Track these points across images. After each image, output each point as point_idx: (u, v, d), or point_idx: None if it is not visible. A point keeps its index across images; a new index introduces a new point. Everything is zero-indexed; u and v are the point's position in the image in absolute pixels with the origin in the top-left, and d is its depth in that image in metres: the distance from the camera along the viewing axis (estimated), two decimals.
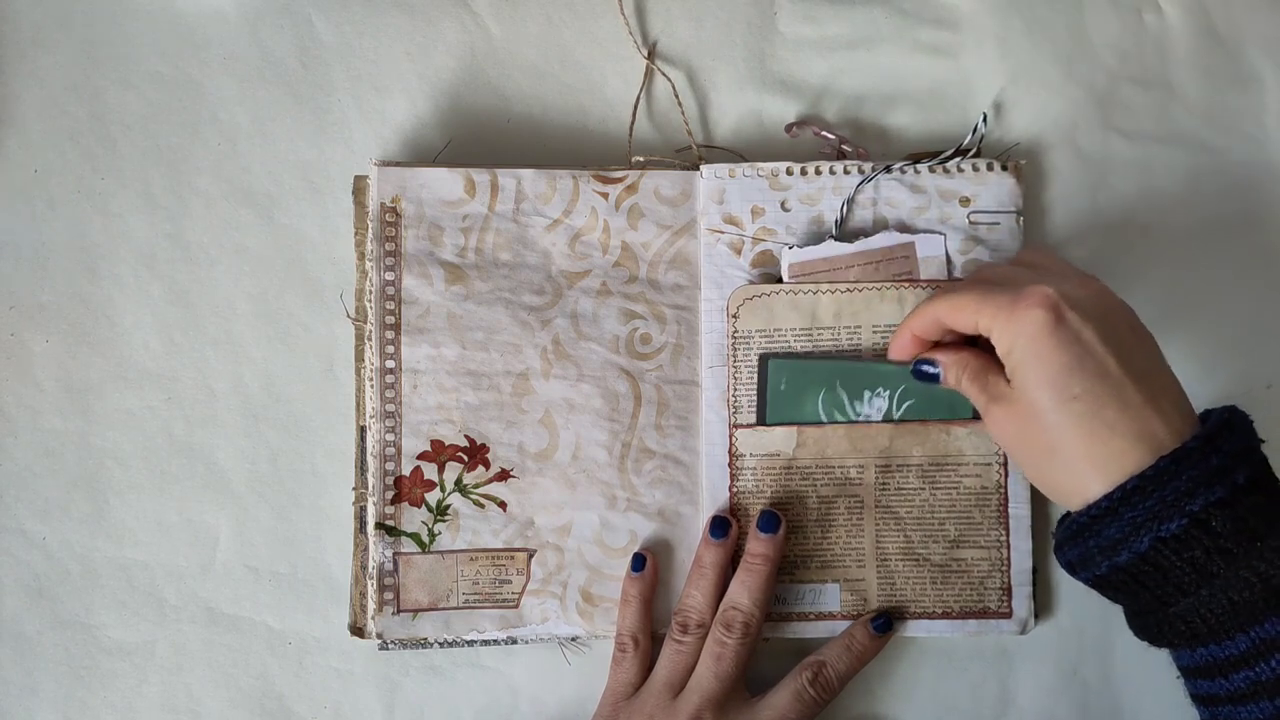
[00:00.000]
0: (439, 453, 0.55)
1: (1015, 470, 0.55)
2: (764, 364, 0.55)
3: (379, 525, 0.54)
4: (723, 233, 0.55)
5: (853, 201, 0.56)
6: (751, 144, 0.59)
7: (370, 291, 0.55)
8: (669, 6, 0.59)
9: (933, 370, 0.49)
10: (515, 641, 0.55)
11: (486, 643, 0.55)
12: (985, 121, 0.56)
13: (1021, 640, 0.56)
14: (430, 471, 0.55)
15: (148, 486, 0.56)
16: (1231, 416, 0.42)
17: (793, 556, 0.55)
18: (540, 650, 0.56)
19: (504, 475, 0.55)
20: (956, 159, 0.56)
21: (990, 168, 0.56)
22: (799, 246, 0.55)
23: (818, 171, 0.56)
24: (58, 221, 0.57)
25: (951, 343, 0.49)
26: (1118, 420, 0.41)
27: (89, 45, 0.57)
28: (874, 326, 0.55)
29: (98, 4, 0.58)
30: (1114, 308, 0.44)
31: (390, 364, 0.55)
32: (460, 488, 0.55)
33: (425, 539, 0.54)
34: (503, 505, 0.55)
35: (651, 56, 0.59)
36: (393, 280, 0.55)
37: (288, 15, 0.58)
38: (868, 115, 0.59)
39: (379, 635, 0.54)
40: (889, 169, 0.56)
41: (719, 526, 0.54)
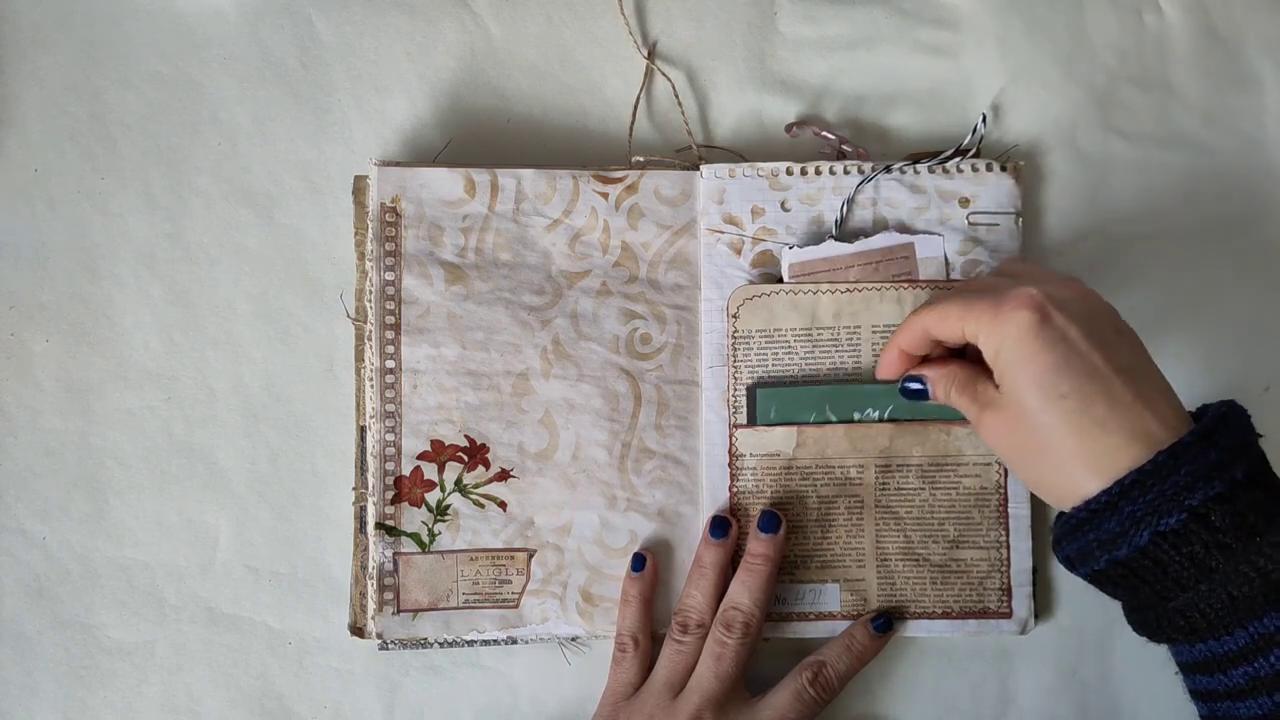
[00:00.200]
0: (439, 453, 0.55)
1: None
2: (752, 393, 0.55)
3: (379, 525, 0.54)
4: (723, 233, 0.56)
5: (852, 202, 0.56)
6: (751, 144, 0.59)
7: (370, 291, 0.55)
8: (669, 6, 0.59)
9: (920, 387, 0.49)
10: (515, 641, 0.55)
11: (486, 643, 0.55)
12: (985, 122, 0.56)
13: (1021, 640, 0.56)
14: (430, 471, 0.55)
15: (148, 486, 0.56)
16: (1229, 411, 0.42)
17: (793, 556, 0.55)
18: (540, 650, 0.56)
19: (504, 475, 0.55)
20: (956, 159, 0.56)
21: (990, 168, 0.56)
22: (799, 246, 0.55)
23: (818, 171, 0.56)
24: (58, 221, 0.57)
25: (937, 358, 0.50)
26: (1108, 417, 0.41)
27: (89, 45, 0.57)
28: (874, 326, 0.55)
29: (98, 4, 0.58)
30: (1098, 307, 0.44)
31: (390, 364, 0.55)
32: (460, 488, 0.55)
33: (425, 539, 0.54)
34: (503, 505, 0.55)
35: (651, 56, 0.59)
36: (393, 280, 0.55)
37: (288, 15, 0.58)
38: (868, 115, 0.59)
39: (379, 635, 0.54)
40: (889, 169, 0.56)
41: (719, 526, 0.54)
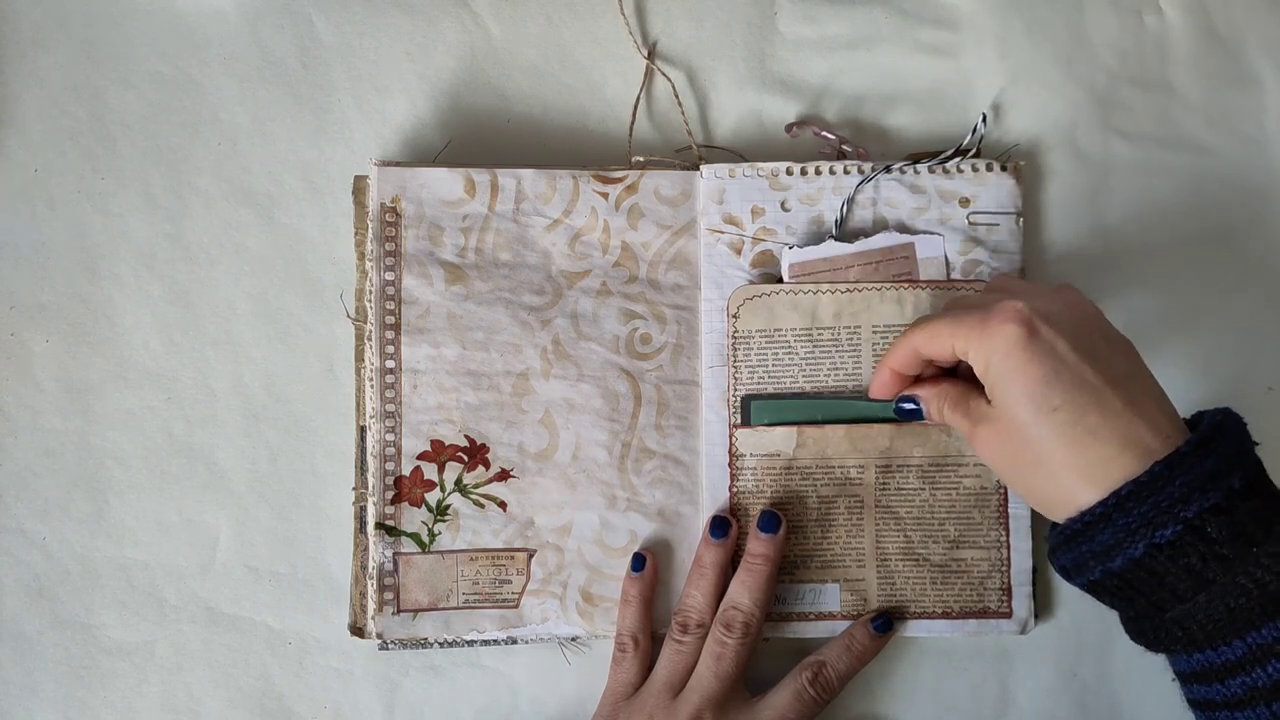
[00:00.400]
0: (439, 453, 0.55)
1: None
2: (746, 405, 0.55)
3: (379, 525, 0.54)
4: (723, 233, 0.55)
5: (853, 201, 0.56)
6: (751, 144, 0.59)
7: (370, 291, 0.55)
8: (669, 6, 0.59)
9: (914, 407, 0.50)
10: (515, 641, 0.55)
11: (486, 643, 0.55)
12: (985, 122, 0.56)
13: (1021, 640, 0.56)
14: (430, 471, 0.55)
15: (148, 486, 0.56)
16: (1225, 419, 0.42)
17: (793, 556, 0.55)
18: (540, 650, 0.56)
19: (504, 475, 0.55)
20: (956, 159, 0.56)
21: (990, 168, 0.56)
22: (799, 247, 0.55)
23: (818, 171, 0.56)
24: (58, 221, 0.57)
25: (930, 377, 0.50)
26: (1100, 426, 0.41)
27: (89, 45, 0.57)
28: (874, 327, 0.55)
29: (98, 4, 0.58)
30: (1087, 317, 0.44)
31: (390, 364, 0.55)
32: (460, 488, 0.55)
33: (425, 539, 0.54)
34: (503, 505, 0.55)
35: (651, 56, 0.59)
36: (393, 280, 0.55)
37: (288, 15, 0.58)
38: (868, 115, 0.59)
39: (379, 635, 0.54)
40: (889, 169, 0.56)
41: (719, 526, 0.54)
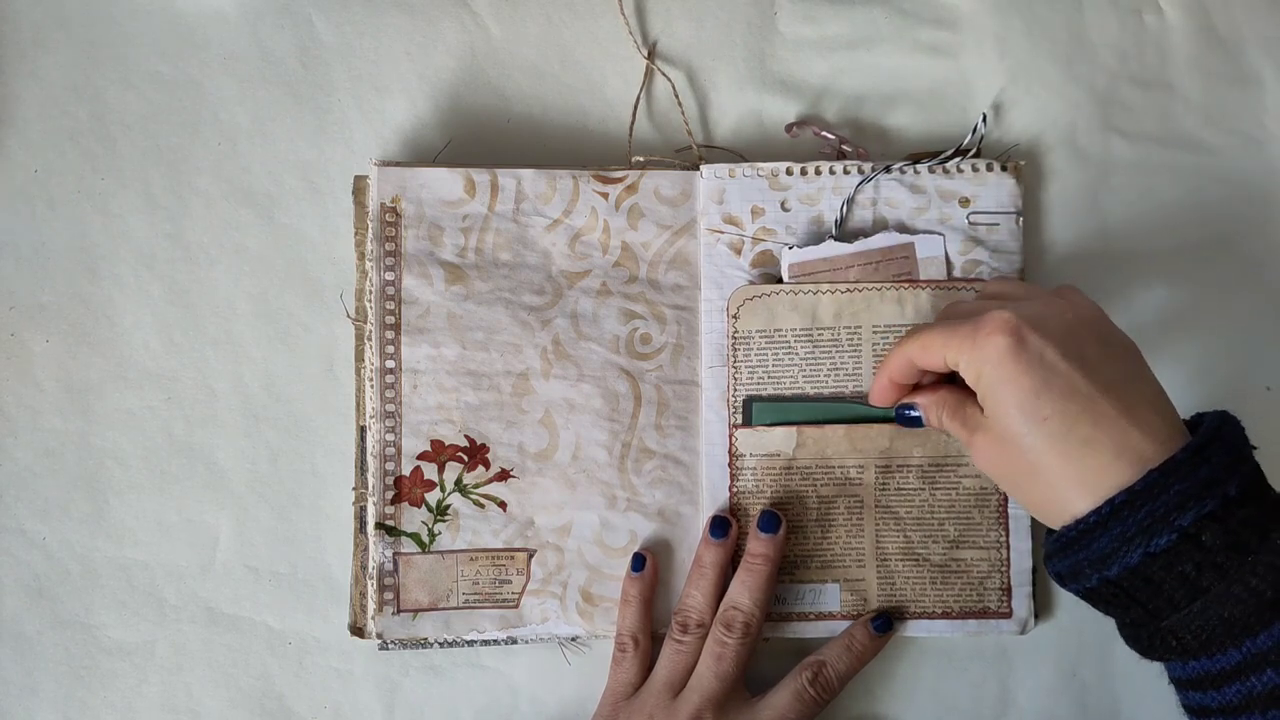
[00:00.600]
0: (439, 453, 0.55)
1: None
2: (748, 406, 0.55)
3: (379, 525, 0.54)
4: (723, 233, 0.55)
5: (852, 201, 0.56)
6: (751, 144, 0.59)
7: (370, 291, 0.55)
8: (669, 6, 0.59)
9: (914, 414, 0.50)
10: (515, 641, 0.55)
11: (486, 643, 0.55)
12: (985, 122, 0.56)
13: (1021, 640, 0.56)
14: (430, 471, 0.55)
15: (148, 486, 0.56)
16: (1222, 425, 0.42)
17: (793, 556, 0.55)
18: (540, 650, 0.56)
19: (504, 475, 0.55)
20: (956, 159, 0.56)
21: (990, 168, 0.56)
22: (799, 247, 0.55)
23: (817, 171, 0.56)
24: (58, 221, 0.57)
25: (929, 384, 0.49)
26: (1093, 435, 0.41)
27: (89, 45, 0.57)
28: (874, 327, 0.55)
29: (98, 4, 0.58)
30: (1082, 321, 0.44)
31: (390, 364, 0.55)
32: (460, 488, 0.55)
33: (425, 539, 0.54)
34: (503, 505, 0.55)
35: (651, 56, 0.59)
36: (393, 280, 0.55)
37: (288, 15, 0.58)
38: (868, 115, 0.59)
39: (379, 635, 0.54)
40: (889, 169, 0.56)
41: (719, 526, 0.54)
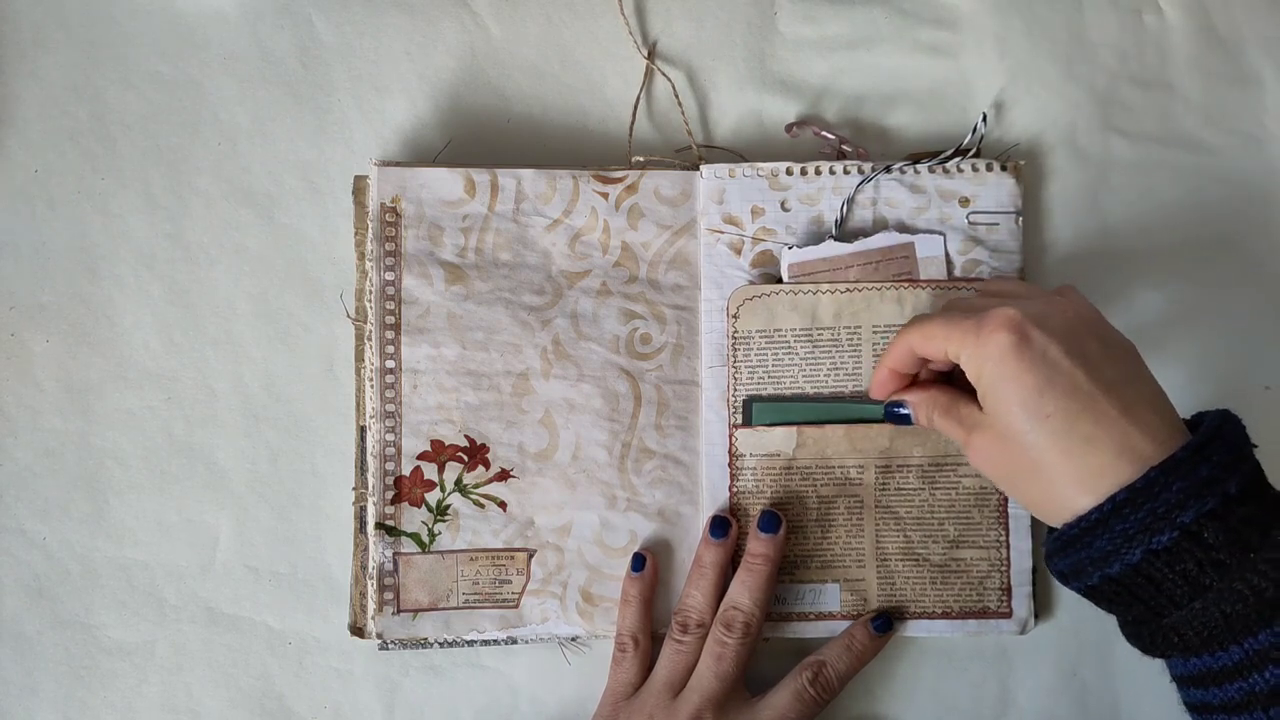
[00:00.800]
0: (439, 453, 0.55)
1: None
2: (748, 406, 0.55)
3: (379, 525, 0.54)
4: (722, 233, 0.55)
5: (852, 201, 0.56)
6: (751, 144, 0.59)
7: (370, 291, 0.55)
8: (669, 6, 0.59)
9: (903, 411, 0.50)
10: (515, 641, 0.55)
11: (486, 643, 0.55)
12: (985, 121, 0.56)
13: (1021, 640, 0.56)
14: (430, 471, 0.55)
15: (148, 486, 0.56)
16: (1223, 423, 0.42)
17: (793, 556, 0.55)
18: (540, 650, 0.56)
19: (504, 475, 0.55)
20: (956, 159, 0.56)
21: (990, 168, 0.56)
22: (799, 247, 0.55)
23: (817, 171, 0.56)
24: (58, 221, 0.57)
25: (920, 382, 0.49)
26: (1094, 434, 0.41)
27: (89, 45, 0.57)
28: (874, 327, 0.55)
29: (98, 4, 0.58)
30: (1083, 321, 0.44)
31: (390, 364, 0.55)
32: (460, 488, 0.55)
33: (425, 539, 0.54)
34: (503, 505, 0.55)
35: (651, 56, 0.59)
36: (393, 280, 0.55)
37: (288, 15, 0.58)
38: (868, 115, 0.59)
39: (379, 635, 0.54)
40: (889, 169, 0.56)
41: (719, 526, 0.54)
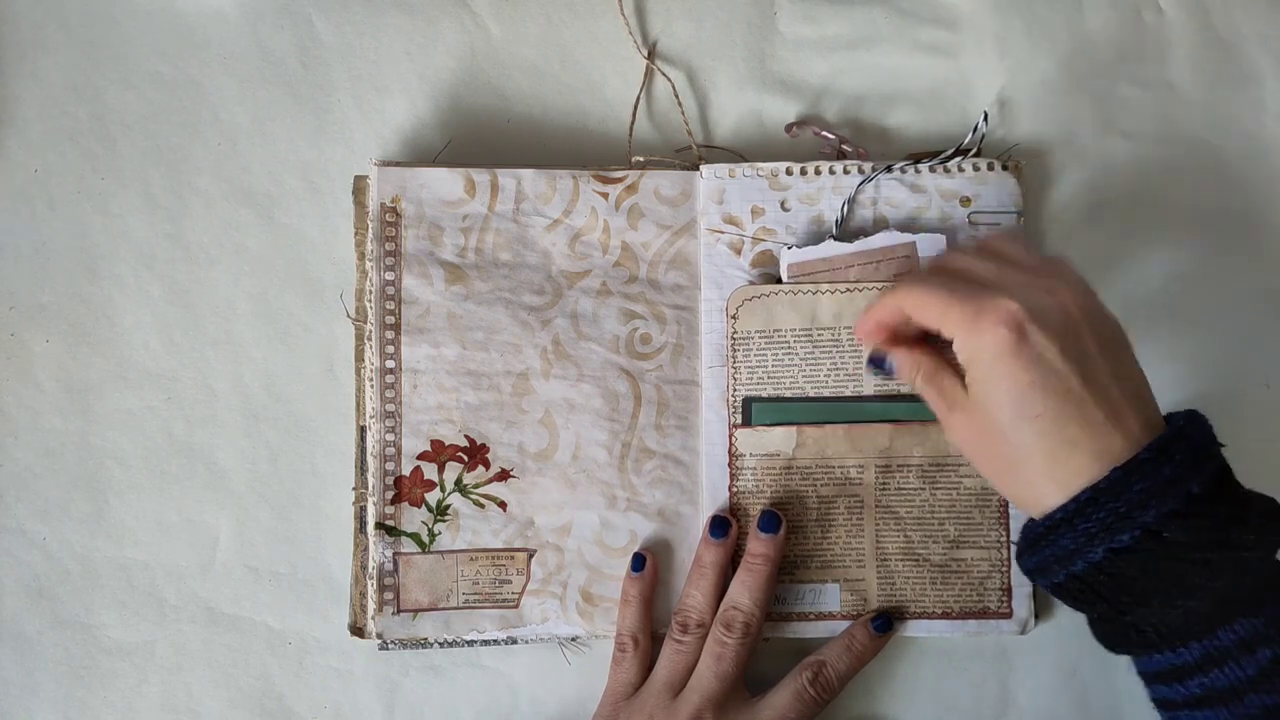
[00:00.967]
0: (439, 453, 0.55)
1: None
2: (748, 405, 0.55)
3: (379, 525, 0.54)
4: (723, 233, 0.55)
5: (853, 201, 0.56)
6: (751, 144, 0.59)
7: (370, 291, 0.55)
8: (669, 6, 0.59)
9: (886, 364, 0.49)
10: (515, 641, 0.55)
11: (486, 643, 0.55)
12: (985, 121, 0.56)
13: (1021, 640, 0.56)
14: (430, 471, 0.55)
15: (148, 486, 0.56)
16: (1187, 424, 0.42)
17: (793, 556, 0.55)
18: (540, 650, 0.56)
19: (504, 475, 0.55)
20: (957, 159, 0.56)
21: (991, 168, 0.56)
22: (798, 247, 0.55)
23: (818, 171, 0.56)
24: (58, 221, 0.57)
25: (907, 340, 0.48)
26: (1079, 438, 0.41)
27: (89, 45, 0.57)
28: None
29: (98, 4, 0.58)
30: (1083, 315, 0.43)
31: (390, 364, 0.55)
32: (460, 488, 0.55)
33: (425, 539, 0.54)
34: (503, 505, 0.55)
35: (651, 56, 0.59)
36: (393, 280, 0.55)
37: (288, 15, 0.58)
38: (868, 115, 0.59)
39: (379, 635, 0.54)
40: (889, 169, 0.56)
41: (719, 526, 0.54)
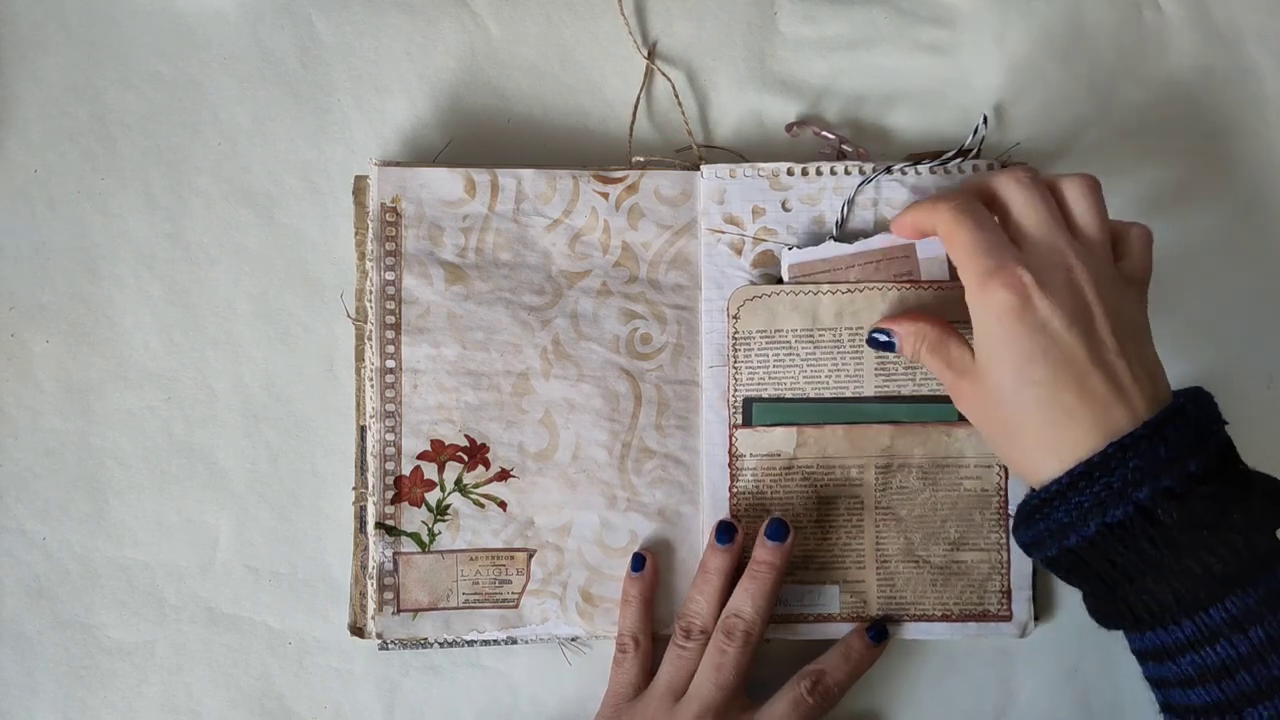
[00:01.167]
0: (439, 452, 0.55)
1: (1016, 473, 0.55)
2: (749, 406, 0.55)
3: (379, 525, 0.54)
4: (723, 233, 0.55)
5: (853, 202, 0.55)
6: (752, 144, 0.58)
7: (370, 291, 0.55)
8: (669, 6, 0.59)
9: (886, 339, 0.49)
10: (515, 641, 0.55)
11: (486, 643, 0.55)
12: (985, 124, 0.56)
13: (1021, 643, 0.56)
14: (430, 471, 0.55)
15: (148, 486, 0.57)
16: (1188, 401, 0.42)
17: (792, 558, 0.55)
18: (540, 650, 0.56)
19: (504, 475, 0.55)
20: (957, 160, 0.56)
21: (991, 169, 0.56)
22: (799, 247, 0.55)
23: (818, 172, 0.56)
24: (58, 221, 0.57)
25: (908, 313, 0.49)
26: (1076, 407, 0.42)
27: (89, 45, 0.57)
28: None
29: (98, 4, 0.58)
30: (1097, 291, 0.43)
31: (390, 364, 0.55)
32: (460, 487, 0.55)
33: (425, 539, 0.54)
34: (503, 505, 0.55)
35: (651, 56, 0.59)
36: (393, 280, 0.55)
37: (288, 15, 0.58)
38: (868, 115, 0.59)
39: (379, 635, 0.54)
40: (890, 170, 0.56)
41: (725, 532, 0.54)
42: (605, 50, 0.59)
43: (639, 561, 0.54)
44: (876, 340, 0.50)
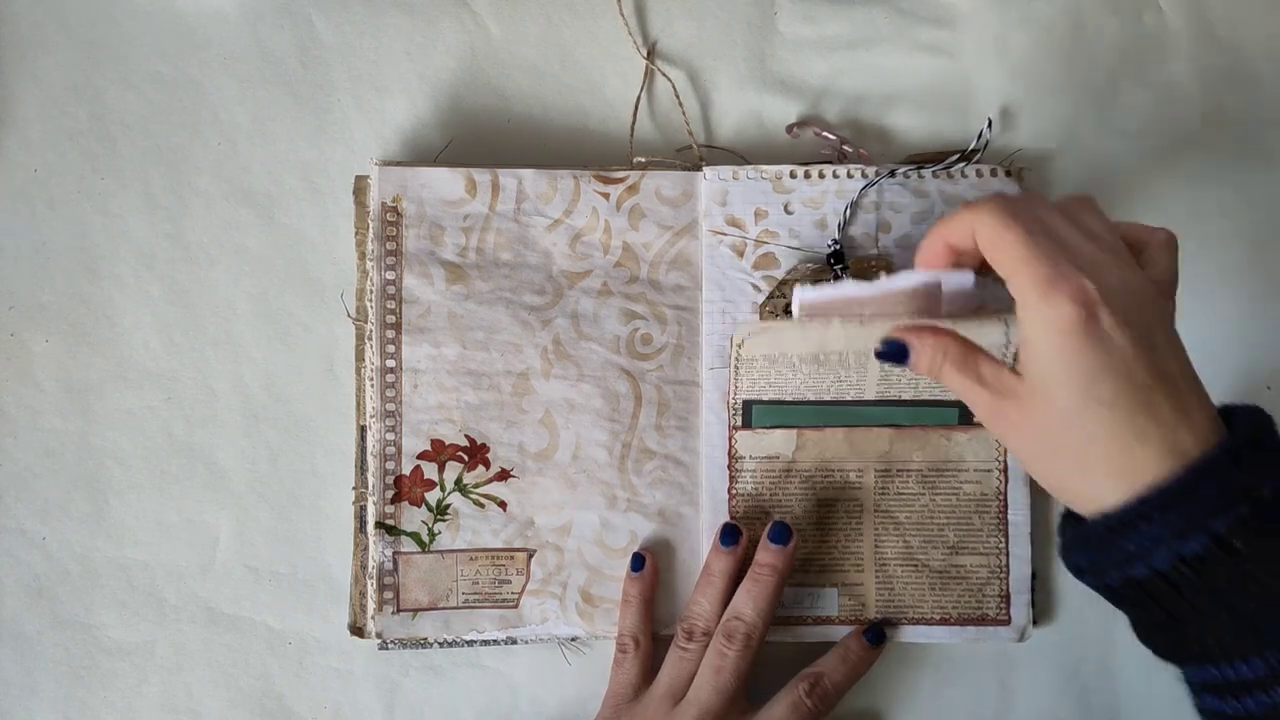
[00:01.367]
0: (439, 452, 0.55)
1: (1015, 477, 0.54)
2: (748, 408, 0.55)
3: (379, 525, 0.54)
4: (725, 235, 0.55)
5: (856, 205, 0.55)
6: (752, 144, 0.58)
7: (371, 291, 0.55)
8: (669, 6, 0.59)
9: (900, 351, 0.44)
10: (515, 641, 0.55)
11: (486, 643, 0.55)
12: (990, 128, 0.56)
13: (1020, 647, 0.56)
14: (430, 471, 0.55)
15: (148, 486, 0.57)
16: (1257, 424, 0.40)
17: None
18: (540, 650, 0.57)
19: (504, 475, 0.55)
20: (961, 164, 0.56)
21: (994, 173, 0.56)
22: (812, 284, 0.48)
23: (821, 175, 0.56)
24: (58, 221, 0.57)
25: (929, 325, 0.44)
26: (1148, 429, 0.39)
27: (89, 45, 0.57)
28: None
29: (98, 4, 0.57)
30: (1157, 303, 0.41)
31: (391, 363, 0.55)
32: (460, 487, 0.55)
33: (425, 538, 0.55)
34: (503, 505, 0.55)
35: (651, 56, 0.59)
36: (393, 280, 0.55)
37: (288, 15, 0.58)
38: (868, 115, 0.59)
39: (379, 635, 0.54)
40: (892, 174, 0.55)
41: (729, 535, 0.54)
42: (605, 50, 0.59)
43: (639, 562, 0.55)
44: (889, 351, 0.45)
